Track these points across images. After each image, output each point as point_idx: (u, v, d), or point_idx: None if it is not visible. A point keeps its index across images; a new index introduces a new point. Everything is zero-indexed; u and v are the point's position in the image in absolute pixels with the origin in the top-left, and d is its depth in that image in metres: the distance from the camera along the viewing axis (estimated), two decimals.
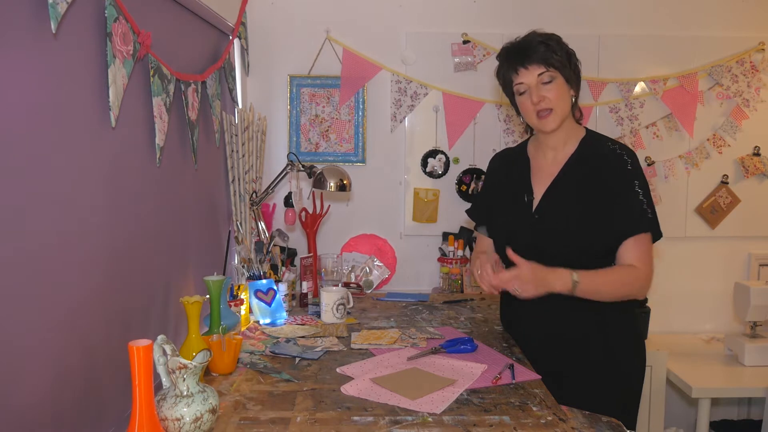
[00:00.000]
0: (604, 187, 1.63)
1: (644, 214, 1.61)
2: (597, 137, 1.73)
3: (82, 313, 1.24)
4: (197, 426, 1.16)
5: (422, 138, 2.69)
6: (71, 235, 1.20)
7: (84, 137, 1.25)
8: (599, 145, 1.70)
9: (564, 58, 1.63)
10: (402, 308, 2.25)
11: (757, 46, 2.66)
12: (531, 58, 1.61)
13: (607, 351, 1.66)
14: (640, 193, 1.62)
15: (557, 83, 1.62)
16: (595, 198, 1.63)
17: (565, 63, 1.63)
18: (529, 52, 1.61)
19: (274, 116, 2.64)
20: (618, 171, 1.63)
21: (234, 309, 1.93)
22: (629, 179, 1.62)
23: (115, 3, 1.29)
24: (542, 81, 1.61)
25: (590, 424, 1.33)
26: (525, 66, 1.62)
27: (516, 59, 1.64)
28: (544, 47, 1.61)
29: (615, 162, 1.64)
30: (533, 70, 1.61)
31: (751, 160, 2.71)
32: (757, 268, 2.77)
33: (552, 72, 1.61)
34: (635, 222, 1.61)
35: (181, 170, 1.81)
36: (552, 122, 1.64)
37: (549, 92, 1.62)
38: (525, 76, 1.63)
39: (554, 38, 1.64)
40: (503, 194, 1.81)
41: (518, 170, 1.79)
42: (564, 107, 1.65)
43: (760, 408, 2.61)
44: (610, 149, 1.67)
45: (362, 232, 2.73)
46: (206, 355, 1.25)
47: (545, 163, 1.74)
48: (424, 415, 1.31)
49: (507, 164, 1.85)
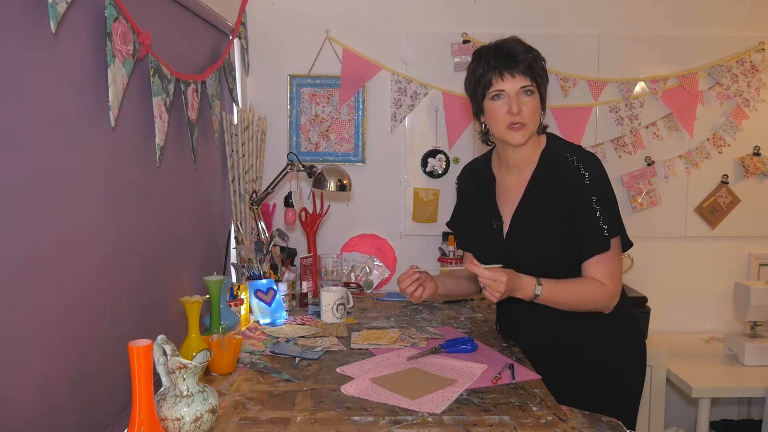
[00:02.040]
0: (564, 207, 1.60)
1: (600, 233, 1.57)
2: (557, 147, 1.67)
3: (82, 313, 1.24)
4: (197, 426, 1.16)
5: (422, 138, 2.69)
6: (71, 234, 1.20)
7: (84, 137, 1.25)
8: (558, 158, 1.64)
9: (543, 71, 1.60)
10: (402, 308, 2.25)
11: (757, 46, 2.66)
12: (518, 66, 1.55)
13: (607, 351, 1.66)
14: (598, 209, 1.57)
15: (535, 98, 1.58)
16: (559, 219, 1.61)
17: (544, 80, 1.60)
18: (517, 60, 1.55)
19: (274, 116, 2.64)
20: (575, 189, 1.59)
21: (234, 309, 1.93)
22: (586, 196, 1.58)
23: (114, 3, 1.29)
24: (522, 93, 1.57)
25: (590, 424, 1.33)
26: (512, 73, 1.55)
27: (502, 64, 1.56)
28: (531, 57, 1.56)
29: (572, 178, 1.60)
30: (518, 80, 1.55)
31: (751, 160, 2.71)
32: (757, 268, 2.77)
33: (533, 87, 1.57)
34: (593, 243, 1.58)
35: (181, 170, 1.81)
36: (522, 137, 1.58)
37: (526, 106, 1.57)
38: (508, 84, 1.55)
39: (536, 52, 1.59)
40: (474, 216, 1.80)
41: (485, 190, 1.77)
42: (535, 124, 1.61)
43: (760, 408, 2.61)
44: (567, 162, 1.62)
45: (362, 232, 2.73)
46: (206, 355, 1.25)
47: (510, 182, 1.71)
48: (424, 415, 1.31)
49: (475, 183, 1.82)
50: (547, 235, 1.62)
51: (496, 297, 1.52)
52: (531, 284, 1.56)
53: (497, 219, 1.71)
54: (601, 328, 1.66)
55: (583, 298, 1.59)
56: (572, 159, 1.62)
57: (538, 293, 1.56)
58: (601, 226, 1.58)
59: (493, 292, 1.51)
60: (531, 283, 1.56)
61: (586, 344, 1.65)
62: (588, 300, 1.60)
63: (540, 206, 1.64)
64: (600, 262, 1.59)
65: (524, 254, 1.65)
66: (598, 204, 1.58)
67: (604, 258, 1.59)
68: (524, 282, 1.56)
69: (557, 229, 1.61)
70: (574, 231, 1.59)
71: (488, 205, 1.75)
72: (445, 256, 2.62)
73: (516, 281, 1.54)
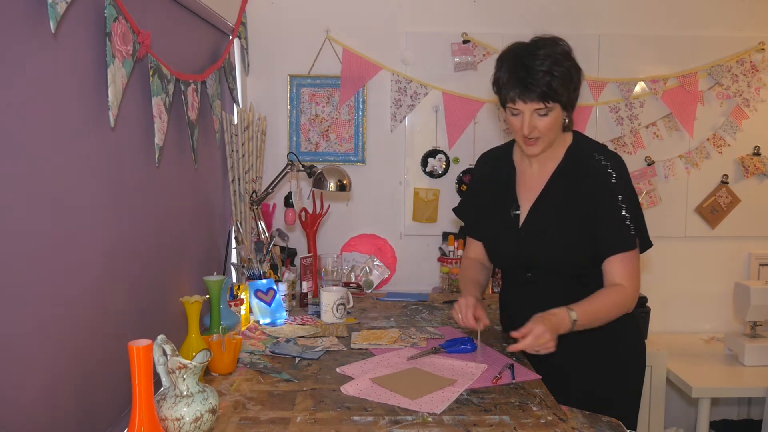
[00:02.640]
0: (589, 204, 1.61)
1: (627, 230, 1.59)
2: (583, 145, 1.68)
3: (82, 313, 1.24)
4: (197, 426, 1.16)
5: (422, 138, 2.69)
6: (70, 235, 1.20)
7: (83, 137, 1.25)
8: (585, 155, 1.65)
9: (567, 86, 1.55)
10: (402, 308, 2.25)
11: (757, 46, 2.66)
12: (531, 93, 1.52)
13: (607, 351, 1.66)
14: (624, 207, 1.59)
15: (552, 114, 1.56)
16: (579, 215, 1.61)
17: (566, 91, 1.55)
18: (531, 87, 1.51)
19: (274, 116, 2.64)
20: (602, 186, 1.60)
21: (234, 309, 1.93)
22: (613, 194, 1.59)
23: (114, 3, 1.29)
24: (538, 113, 1.56)
25: (590, 424, 1.33)
26: (524, 100, 1.53)
27: (515, 87, 1.53)
28: (548, 78, 1.51)
29: (599, 176, 1.61)
30: (531, 105, 1.54)
31: (751, 160, 2.71)
32: (757, 268, 2.77)
33: (549, 105, 1.55)
34: (619, 241, 1.59)
35: (181, 170, 1.81)
36: (537, 149, 1.61)
37: (541, 123, 1.56)
38: (521, 106, 1.55)
39: (560, 59, 1.53)
40: (490, 202, 1.79)
41: (504, 178, 1.76)
42: (553, 135, 1.61)
43: (760, 408, 2.61)
44: (595, 160, 1.62)
45: (362, 232, 2.73)
46: (206, 355, 1.25)
47: (531, 174, 1.72)
48: (424, 415, 1.31)
49: (494, 170, 1.81)
50: (564, 228, 1.63)
51: (552, 345, 1.48)
52: (563, 313, 1.53)
53: (515, 208, 1.71)
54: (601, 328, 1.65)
55: (614, 304, 1.58)
56: (600, 157, 1.63)
57: (574, 318, 1.52)
58: (628, 224, 1.59)
59: (547, 345, 1.48)
60: (563, 312, 1.53)
61: (586, 344, 1.65)
62: (620, 305, 1.59)
63: (561, 199, 1.64)
64: (623, 261, 1.60)
65: (537, 245, 1.65)
66: (624, 203, 1.59)
67: (626, 257, 1.60)
68: (557, 316, 1.52)
69: (575, 224, 1.62)
70: (596, 228, 1.60)
71: (507, 193, 1.74)
72: (445, 256, 2.62)
73: (551, 319, 1.51)
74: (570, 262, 1.64)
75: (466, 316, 1.64)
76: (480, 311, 1.65)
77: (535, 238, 1.66)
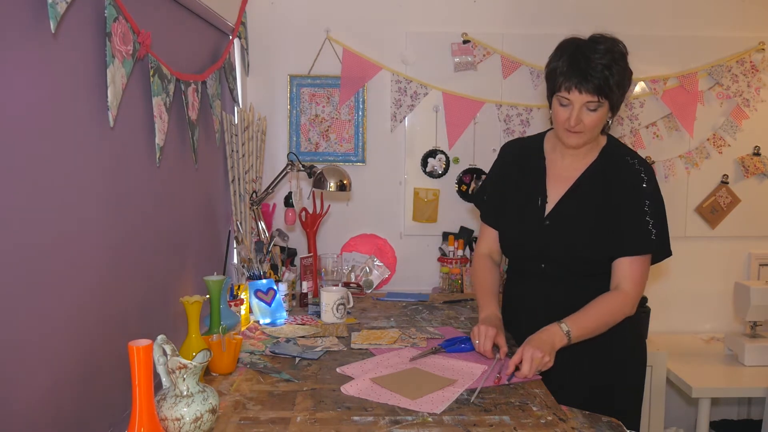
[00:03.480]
0: (616, 203, 1.62)
1: (648, 235, 1.60)
2: (617, 148, 1.70)
3: (82, 313, 1.24)
4: (197, 426, 1.16)
5: (422, 138, 2.69)
6: (70, 235, 1.20)
7: (83, 137, 1.25)
8: (619, 157, 1.67)
9: (620, 85, 1.56)
10: (402, 308, 2.25)
11: (757, 46, 2.66)
12: (588, 84, 1.53)
13: (608, 351, 1.66)
14: (648, 213, 1.60)
15: (601, 111, 1.57)
16: (606, 213, 1.63)
17: (619, 89, 1.57)
18: (590, 78, 1.52)
19: (274, 116, 2.64)
20: (632, 189, 1.62)
21: (234, 309, 1.93)
22: (641, 198, 1.61)
23: (114, 3, 1.29)
24: (588, 107, 1.57)
25: (590, 424, 1.33)
26: (579, 90, 1.54)
27: (573, 77, 1.54)
28: (607, 73, 1.52)
29: (631, 178, 1.63)
30: (585, 96, 1.54)
31: (751, 160, 2.71)
32: (757, 268, 2.77)
33: (602, 101, 1.55)
34: (635, 243, 1.61)
35: (181, 170, 1.81)
36: (577, 142, 1.62)
37: (589, 118, 1.57)
38: (574, 96, 1.55)
39: (618, 58, 1.55)
40: (515, 191, 1.77)
41: (533, 168, 1.75)
42: (595, 132, 1.62)
43: (760, 408, 2.61)
44: (629, 164, 1.65)
45: (362, 232, 2.73)
46: (206, 355, 1.25)
47: (562, 166, 1.72)
48: (424, 415, 1.31)
49: (522, 158, 1.79)
50: (590, 223, 1.64)
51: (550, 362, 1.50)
52: (554, 327, 1.54)
53: (543, 197, 1.71)
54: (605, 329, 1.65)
55: (609, 313, 1.59)
56: (633, 161, 1.65)
57: (566, 329, 1.53)
58: (650, 229, 1.60)
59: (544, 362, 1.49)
60: (553, 327, 1.54)
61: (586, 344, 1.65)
62: (616, 313, 1.60)
63: (591, 195, 1.65)
64: (635, 263, 1.61)
65: (560, 237, 1.65)
66: (650, 208, 1.61)
67: (638, 260, 1.61)
68: (548, 332, 1.54)
69: (601, 221, 1.62)
70: (619, 227, 1.61)
71: (535, 182, 1.73)
72: (445, 256, 2.62)
73: (540, 337, 1.52)
74: (589, 258, 1.64)
75: (484, 345, 1.62)
76: (501, 338, 1.63)
77: (559, 230, 1.66)
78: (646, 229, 1.60)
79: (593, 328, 1.57)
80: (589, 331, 1.57)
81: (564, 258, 1.65)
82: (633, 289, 1.60)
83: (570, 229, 1.65)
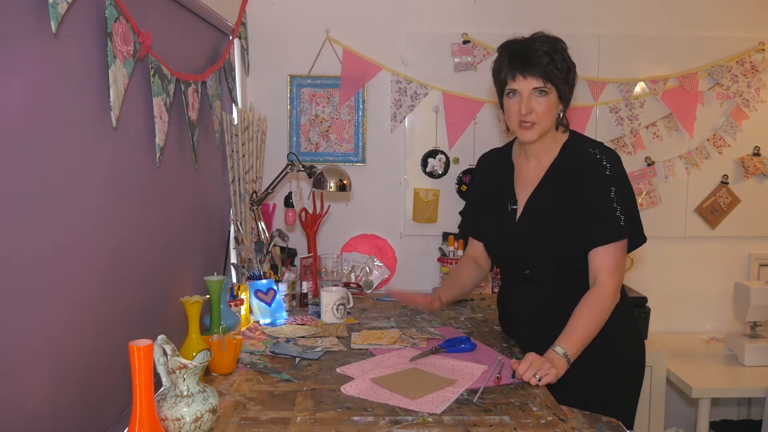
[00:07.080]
0: (583, 194, 1.62)
1: (617, 222, 1.59)
2: (579, 141, 1.70)
3: (82, 313, 1.24)
4: (197, 426, 1.16)
5: (422, 138, 2.69)
6: (71, 235, 1.20)
7: (84, 137, 1.25)
8: (580, 149, 1.67)
9: (564, 73, 1.59)
10: (402, 308, 2.25)
11: (757, 46, 2.66)
12: (532, 69, 1.56)
13: (607, 351, 1.66)
14: (615, 200, 1.60)
15: (549, 98, 1.59)
16: (573, 205, 1.63)
17: (563, 78, 1.60)
18: (532, 62, 1.56)
19: (274, 116, 2.64)
20: (595, 177, 1.61)
21: (234, 309, 1.93)
22: (605, 186, 1.60)
23: (115, 3, 1.29)
24: (535, 93, 1.59)
25: (590, 424, 1.33)
26: (524, 75, 1.57)
27: (516, 65, 1.58)
28: (548, 59, 1.56)
29: (593, 168, 1.62)
30: (530, 81, 1.57)
31: (751, 160, 2.71)
32: (757, 268, 2.77)
33: (548, 86, 1.58)
34: (606, 231, 1.60)
35: (181, 170, 1.81)
36: (532, 135, 1.62)
37: (539, 105, 1.59)
38: (520, 84, 1.58)
39: (559, 49, 1.59)
40: (489, 199, 1.81)
41: (503, 175, 1.79)
42: (548, 122, 1.62)
43: (760, 408, 2.61)
44: (590, 154, 1.64)
45: (362, 232, 2.73)
46: (206, 355, 1.25)
47: (528, 169, 1.74)
48: (424, 415, 1.31)
49: (495, 168, 1.84)
50: (559, 219, 1.64)
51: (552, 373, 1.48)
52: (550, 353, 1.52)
53: (512, 202, 1.73)
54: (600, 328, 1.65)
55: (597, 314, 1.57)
56: (595, 151, 1.65)
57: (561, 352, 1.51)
58: (618, 216, 1.59)
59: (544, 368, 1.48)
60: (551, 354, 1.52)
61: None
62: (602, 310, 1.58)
63: (556, 192, 1.66)
64: (608, 251, 1.60)
65: (534, 238, 1.66)
66: (617, 195, 1.60)
67: (612, 248, 1.60)
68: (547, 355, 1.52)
69: (570, 215, 1.62)
70: (588, 218, 1.60)
71: (505, 189, 1.76)
72: (445, 257, 2.62)
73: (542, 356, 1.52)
74: (565, 253, 1.65)
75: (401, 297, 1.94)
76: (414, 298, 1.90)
77: (531, 230, 1.68)
78: (614, 216, 1.59)
79: (587, 337, 1.56)
80: (584, 341, 1.55)
81: (542, 257, 1.66)
82: (609, 280, 1.59)
83: (540, 227, 1.66)
